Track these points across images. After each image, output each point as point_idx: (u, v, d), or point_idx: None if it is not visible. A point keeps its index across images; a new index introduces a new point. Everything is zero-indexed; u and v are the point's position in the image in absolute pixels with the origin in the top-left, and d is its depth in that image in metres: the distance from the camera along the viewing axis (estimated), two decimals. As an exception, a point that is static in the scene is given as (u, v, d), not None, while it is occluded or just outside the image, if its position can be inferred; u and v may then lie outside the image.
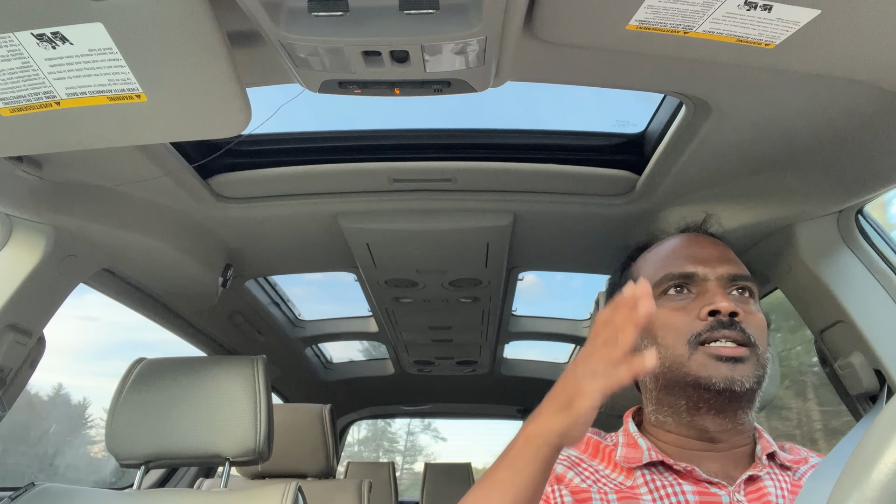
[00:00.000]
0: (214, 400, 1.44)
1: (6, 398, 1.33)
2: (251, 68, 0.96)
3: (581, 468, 0.94)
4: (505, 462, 0.74)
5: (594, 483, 0.91)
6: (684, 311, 0.94)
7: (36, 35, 0.76)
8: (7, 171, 1.13)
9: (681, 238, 1.07)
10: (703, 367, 0.89)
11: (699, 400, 0.90)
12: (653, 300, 0.71)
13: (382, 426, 13.59)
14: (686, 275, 0.97)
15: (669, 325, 0.94)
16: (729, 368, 0.88)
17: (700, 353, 0.90)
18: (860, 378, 1.27)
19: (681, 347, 0.91)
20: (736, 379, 0.87)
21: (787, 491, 0.88)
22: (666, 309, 0.96)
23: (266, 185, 1.54)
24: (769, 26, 0.77)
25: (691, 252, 1.01)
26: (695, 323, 0.92)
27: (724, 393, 0.87)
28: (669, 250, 1.04)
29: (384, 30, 0.78)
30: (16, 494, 1.25)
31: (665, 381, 0.95)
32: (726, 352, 0.88)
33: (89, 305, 2.96)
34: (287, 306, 2.78)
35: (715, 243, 1.04)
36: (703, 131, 1.16)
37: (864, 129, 1.05)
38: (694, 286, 0.96)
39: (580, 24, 0.82)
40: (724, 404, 0.89)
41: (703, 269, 0.96)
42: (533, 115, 1.61)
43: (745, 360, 0.88)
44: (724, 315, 0.90)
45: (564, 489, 0.90)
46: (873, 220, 1.38)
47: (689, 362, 0.90)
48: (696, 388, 0.90)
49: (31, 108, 0.88)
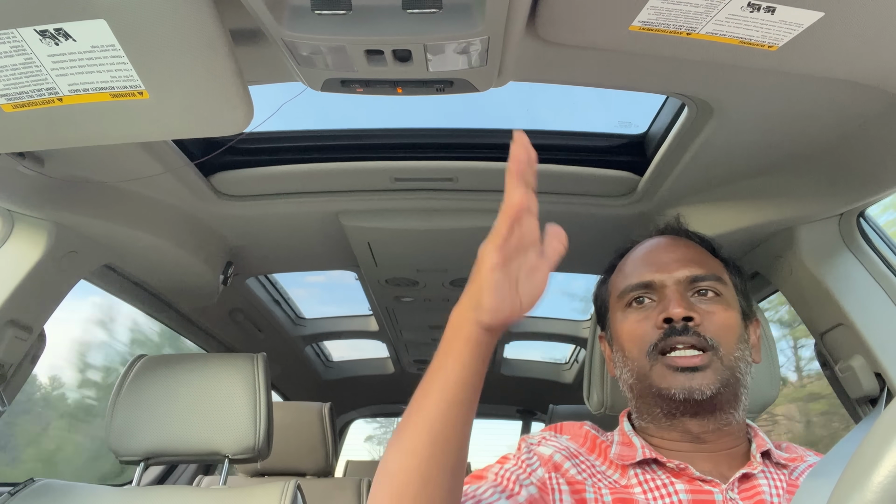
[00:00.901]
0: (214, 397, 1.44)
1: (7, 394, 1.34)
2: (254, 66, 0.96)
3: (578, 460, 0.94)
4: (440, 352, 0.73)
5: (589, 477, 0.91)
6: (645, 321, 0.95)
7: (39, 31, 0.77)
8: (9, 166, 1.14)
9: (647, 245, 1.06)
10: (662, 379, 0.90)
11: (670, 408, 0.91)
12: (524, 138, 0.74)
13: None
14: (644, 283, 0.97)
15: (632, 336, 0.96)
16: (686, 378, 0.88)
17: (660, 364, 0.91)
18: (860, 381, 1.27)
19: (642, 359, 0.93)
20: (694, 388, 0.87)
21: (782, 489, 0.88)
22: (629, 321, 0.97)
23: (268, 182, 1.54)
24: (772, 28, 0.77)
25: (652, 258, 1.01)
26: (652, 332, 0.92)
27: (686, 402, 0.88)
28: (635, 259, 1.05)
29: (387, 29, 0.78)
30: (15, 490, 1.25)
31: (637, 391, 0.97)
32: (682, 362, 0.89)
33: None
34: (288, 304, 2.78)
35: (677, 245, 1.03)
36: (706, 133, 1.16)
37: (867, 132, 1.05)
38: (655, 293, 0.97)
39: (583, 24, 0.82)
40: (696, 409, 0.90)
41: (661, 276, 0.97)
42: (535, 116, 1.61)
43: (704, 367, 0.88)
44: (676, 321, 0.90)
45: (561, 478, 0.90)
46: (875, 223, 1.38)
47: (650, 373, 0.91)
48: (661, 398, 0.91)
49: (34, 104, 0.88)
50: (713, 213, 1.40)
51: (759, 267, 1.52)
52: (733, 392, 0.91)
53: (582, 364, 2.91)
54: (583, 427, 1.04)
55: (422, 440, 0.70)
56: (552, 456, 0.92)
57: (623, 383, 1.00)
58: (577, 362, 3.36)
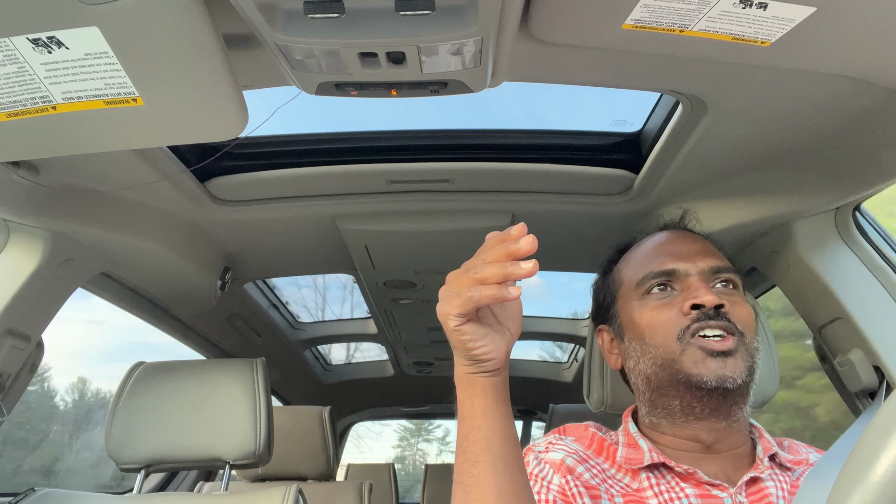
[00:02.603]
0: (214, 403, 1.44)
1: (5, 403, 1.33)
2: (247, 71, 0.96)
3: (589, 464, 0.93)
4: (463, 415, 0.75)
5: (602, 482, 0.91)
6: (668, 307, 0.93)
7: (31, 40, 0.76)
8: (4, 176, 1.13)
9: (660, 236, 1.06)
10: (694, 364, 0.88)
11: (692, 399, 0.90)
12: (534, 241, 0.70)
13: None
14: (667, 272, 0.96)
15: (655, 323, 0.94)
16: (719, 365, 0.87)
17: (692, 348, 0.89)
18: (859, 374, 1.28)
19: (672, 344, 0.91)
20: (727, 377, 0.86)
21: (787, 492, 0.88)
22: (649, 308, 0.96)
23: (264, 187, 1.54)
24: (765, 24, 0.78)
25: (671, 249, 1.00)
26: (680, 318, 0.91)
27: (716, 391, 0.87)
28: (649, 249, 1.04)
29: (380, 31, 0.78)
30: (16, 500, 1.25)
31: (657, 381, 0.94)
32: (716, 345, 0.87)
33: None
34: (286, 309, 2.77)
35: (694, 238, 1.03)
36: (700, 129, 1.16)
37: (861, 126, 1.06)
38: (676, 283, 0.96)
39: (576, 23, 0.82)
40: (718, 402, 0.89)
41: (684, 265, 0.96)
42: (530, 115, 1.61)
43: (735, 352, 0.88)
44: (709, 308, 0.89)
45: (577, 481, 0.89)
46: (871, 216, 1.38)
47: (681, 357, 0.89)
48: (688, 388, 0.89)
49: (28, 112, 0.88)
50: (709, 210, 1.41)
51: (756, 262, 1.52)
52: (750, 385, 0.91)
53: (581, 363, 2.91)
54: (588, 429, 1.03)
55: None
56: (563, 460, 0.91)
57: (637, 375, 0.98)
58: (576, 361, 3.36)
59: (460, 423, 0.75)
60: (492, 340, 0.72)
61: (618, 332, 1.03)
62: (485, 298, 0.67)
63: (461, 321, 0.70)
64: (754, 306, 1.06)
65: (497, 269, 0.67)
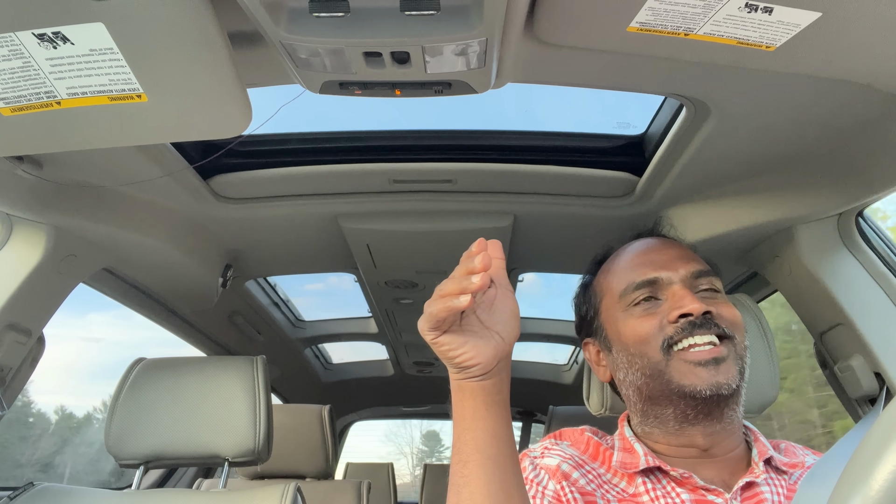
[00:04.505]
0: (214, 400, 1.44)
1: (6, 397, 1.33)
2: (252, 69, 0.96)
3: (584, 470, 0.93)
4: (458, 419, 0.76)
5: (598, 487, 0.91)
6: (653, 317, 0.93)
7: (37, 35, 0.76)
8: (7, 170, 1.13)
9: (637, 245, 1.05)
10: (684, 376, 0.88)
11: (686, 407, 0.89)
12: (500, 257, 0.74)
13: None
14: (650, 280, 0.96)
15: (640, 333, 0.93)
16: (711, 373, 0.86)
17: (676, 360, 0.89)
18: (860, 380, 1.27)
19: (656, 354, 0.91)
20: (721, 383, 0.86)
21: (783, 497, 0.88)
22: (633, 318, 0.95)
23: (266, 185, 1.54)
24: (770, 29, 0.77)
25: (650, 257, 1.00)
26: (665, 327, 0.91)
27: (711, 399, 0.87)
28: (629, 259, 1.03)
29: (385, 31, 0.78)
30: (15, 494, 1.25)
31: (649, 392, 0.93)
32: (705, 355, 0.87)
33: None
34: (287, 307, 2.78)
35: (671, 244, 1.03)
36: (704, 133, 1.16)
37: (865, 132, 1.06)
38: (660, 291, 0.95)
39: (581, 25, 0.82)
40: (712, 407, 0.89)
41: (667, 273, 0.95)
42: (533, 117, 1.61)
43: (726, 358, 0.88)
44: (696, 317, 0.89)
45: (572, 486, 0.89)
46: (874, 222, 1.38)
47: (668, 370, 0.89)
48: (681, 397, 0.89)
49: (32, 107, 0.88)
50: (712, 214, 1.41)
51: (758, 266, 1.52)
52: (742, 387, 0.91)
53: (581, 365, 2.91)
54: (584, 433, 1.03)
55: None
56: (559, 466, 0.91)
57: (628, 386, 0.98)
58: (576, 363, 3.36)
59: (454, 425, 0.77)
60: (474, 346, 0.72)
61: (604, 345, 1.03)
62: (442, 311, 0.70)
63: (435, 334, 0.72)
64: (755, 311, 1.06)
65: (454, 285, 0.70)
